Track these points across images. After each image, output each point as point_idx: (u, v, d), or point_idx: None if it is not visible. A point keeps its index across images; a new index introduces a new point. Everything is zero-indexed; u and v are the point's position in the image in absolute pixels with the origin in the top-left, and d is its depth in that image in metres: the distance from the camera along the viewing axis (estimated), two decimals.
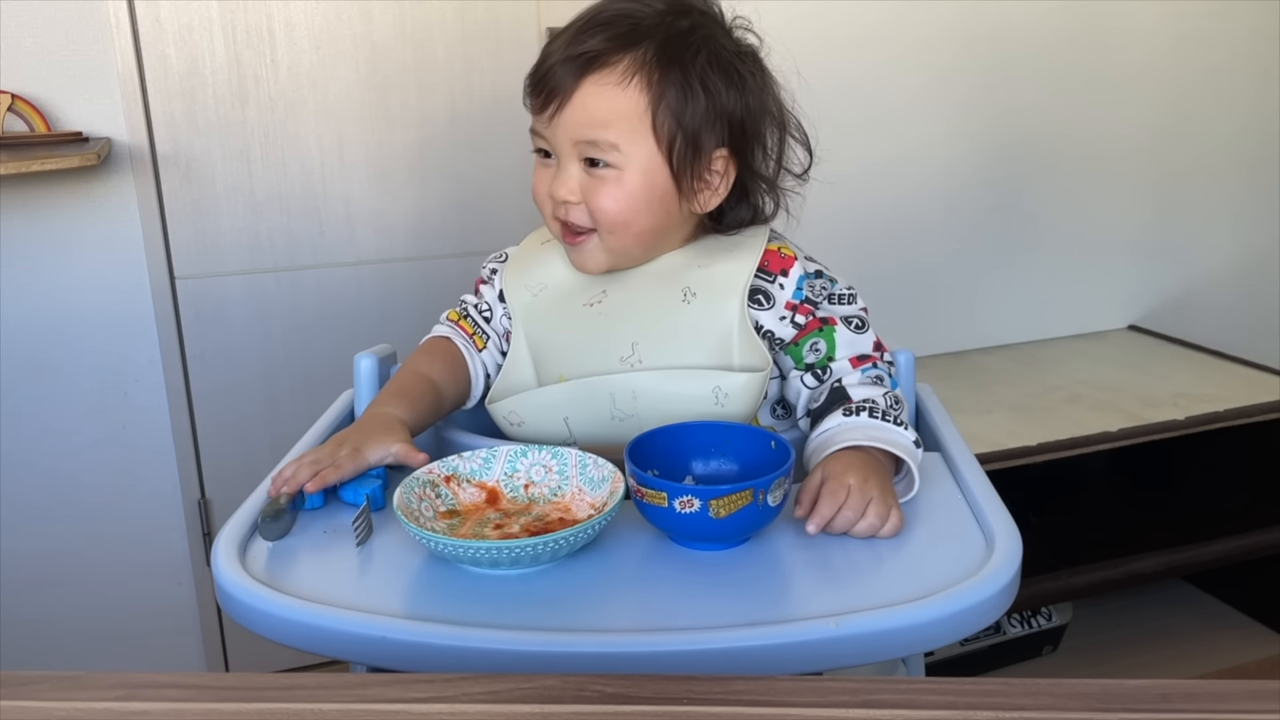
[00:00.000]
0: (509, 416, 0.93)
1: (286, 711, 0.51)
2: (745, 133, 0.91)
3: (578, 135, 0.88)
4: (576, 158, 0.89)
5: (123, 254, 1.60)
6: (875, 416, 0.85)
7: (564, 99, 0.88)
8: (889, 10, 1.88)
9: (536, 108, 0.91)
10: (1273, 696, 0.51)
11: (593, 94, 0.87)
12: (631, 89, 0.87)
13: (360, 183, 1.69)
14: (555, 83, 0.88)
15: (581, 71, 0.87)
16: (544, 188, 0.92)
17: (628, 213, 0.89)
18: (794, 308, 0.92)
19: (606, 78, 0.87)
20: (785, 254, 0.93)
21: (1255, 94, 2.18)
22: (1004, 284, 2.13)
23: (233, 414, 1.71)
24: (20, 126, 1.49)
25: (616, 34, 0.87)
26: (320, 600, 0.67)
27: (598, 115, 0.87)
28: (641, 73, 0.87)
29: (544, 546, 0.68)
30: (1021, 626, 1.80)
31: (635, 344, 0.91)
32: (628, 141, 0.87)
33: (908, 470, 0.83)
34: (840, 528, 0.76)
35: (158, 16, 1.54)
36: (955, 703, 0.51)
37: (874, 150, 1.92)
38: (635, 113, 0.87)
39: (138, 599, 1.72)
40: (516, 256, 1.01)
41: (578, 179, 0.89)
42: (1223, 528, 1.81)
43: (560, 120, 0.88)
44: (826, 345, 0.91)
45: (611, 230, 0.90)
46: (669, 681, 0.53)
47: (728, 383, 0.88)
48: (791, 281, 0.92)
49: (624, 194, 0.89)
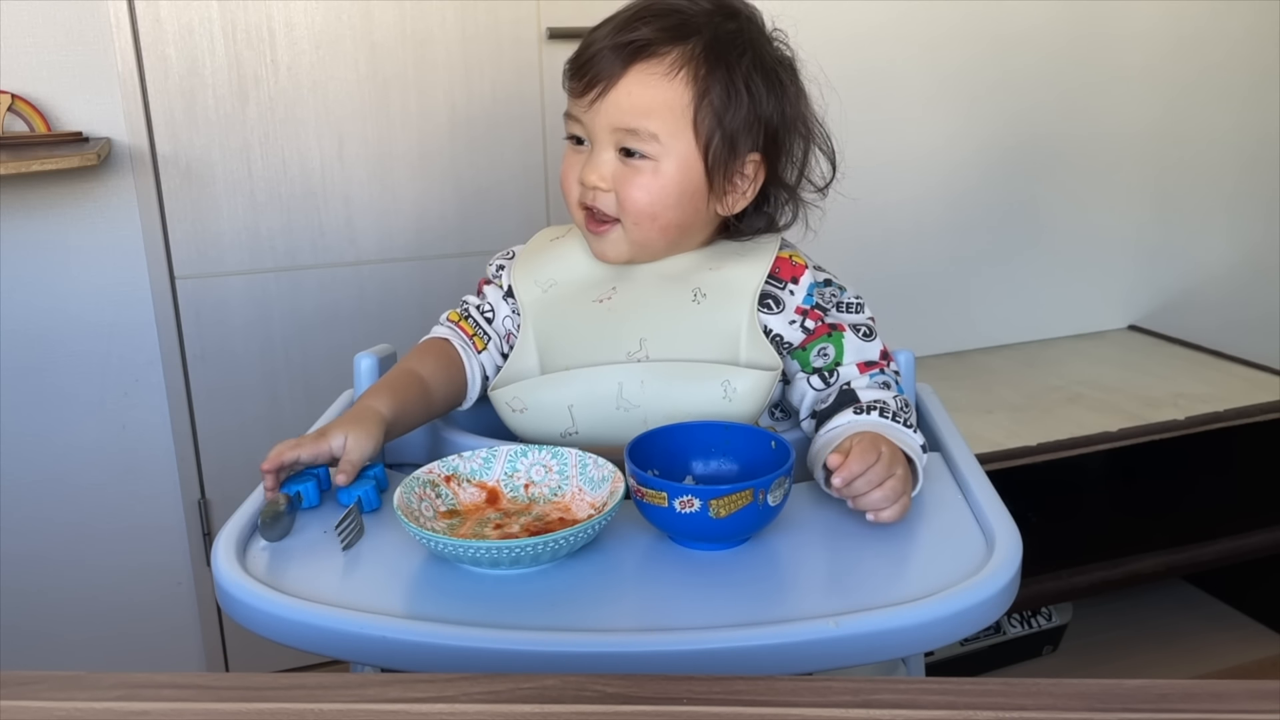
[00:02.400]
0: (512, 402, 0.92)
1: (286, 711, 0.51)
2: (777, 140, 0.92)
3: (618, 122, 0.88)
4: (612, 145, 0.89)
5: (123, 254, 1.60)
6: (885, 417, 0.86)
7: (608, 84, 0.87)
8: (889, 11, 1.88)
9: (577, 91, 0.90)
10: (1273, 696, 0.51)
11: (639, 82, 0.87)
12: (678, 81, 0.87)
13: (360, 183, 1.69)
14: (600, 67, 0.87)
15: (630, 58, 0.87)
16: (574, 173, 0.92)
17: (657, 205, 0.89)
18: (804, 313, 0.92)
19: (654, 67, 0.87)
20: (796, 262, 0.94)
21: (1255, 94, 2.18)
22: (1004, 284, 2.13)
23: (233, 414, 1.71)
24: (20, 126, 1.49)
25: (668, 25, 0.87)
26: (320, 600, 0.67)
27: (641, 103, 0.87)
28: (689, 66, 0.87)
29: (544, 546, 0.68)
30: (1021, 626, 1.80)
31: (643, 339, 0.91)
32: (667, 133, 0.88)
33: (914, 473, 0.83)
34: (860, 487, 0.76)
35: (158, 16, 1.54)
36: (955, 703, 0.51)
37: (874, 150, 1.92)
38: (679, 105, 0.87)
39: (138, 599, 1.72)
40: (525, 253, 1.01)
41: (611, 166, 0.89)
42: (1223, 528, 1.81)
43: (602, 105, 0.88)
44: (835, 350, 0.92)
45: (638, 221, 0.90)
46: (669, 681, 0.53)
47: (737, 379, 0.88)
48: (801, 288, 0.92)
49: (657, 186, 0.89)
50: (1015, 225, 2.10)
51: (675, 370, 0.89)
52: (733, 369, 0.89)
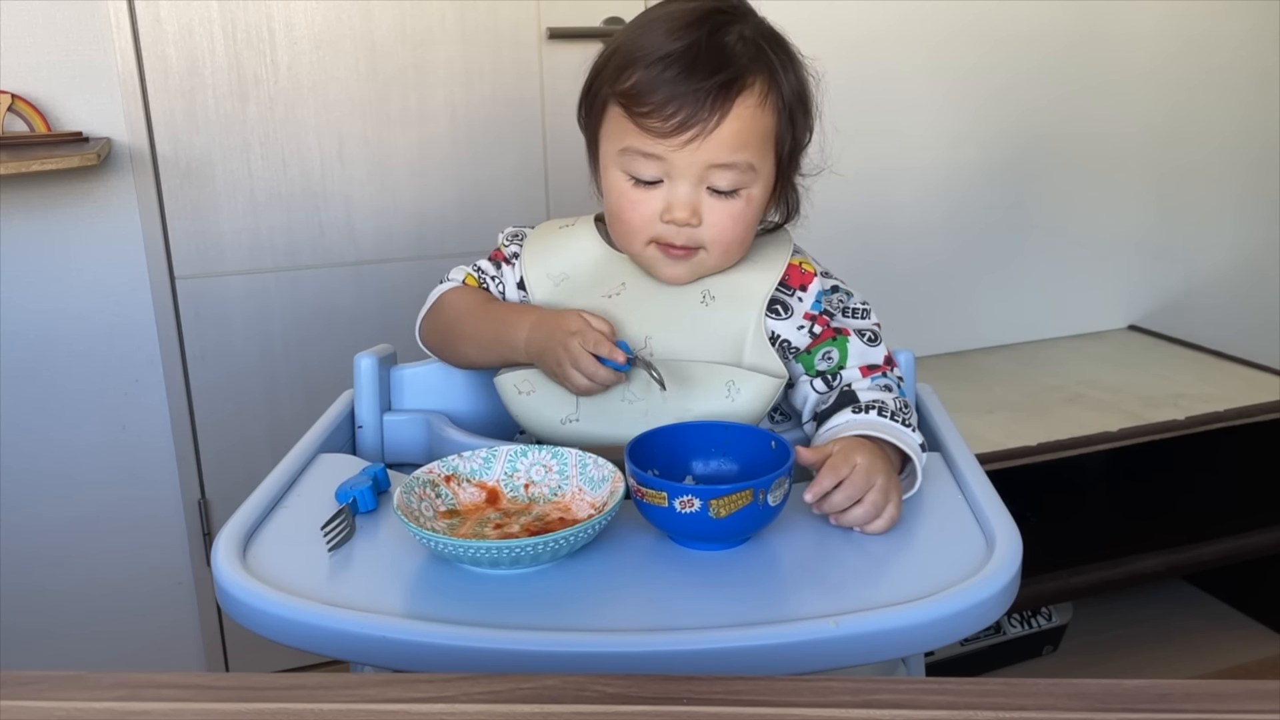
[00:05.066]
0: (520, 385, 0.92)
1: (286, 711, 0.51)
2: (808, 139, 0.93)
3: (717, 159, 0.85)
4: (702, 179, 0.86)
5: (123, 254, 1.60)
6: (884, 416, 0.86)
7: (708, 125, 0.84)
8: (890, 12, 1.88)
9: (663, 132, 0.84)
10: (1273, 696, 0.51)
11: (739, 117, 0.84)
12: (768, 108, 0.86)
13: (360, 183, 1.69)
14: (696, 108, 0.83)
15: (733, 95, 0.84)
16: (646, 210, 0.88)
17: (745, 230, 0.89)
18: (811, 318, 0.93)
19: (749, 99, 0.85)
20: (806, 269, 0.94)
21: (1257, 96, 2.18)
22: (1004, 284, 2.13)
23: (233, 414, 1.71)
24: (20, 126, 1.49)
25: (745, 53, 0.85)
26: (321, 600, 0.67)
27: (741, 138, 0.85)
28: (773, 91, 0.86)
29: (544, 546, 0.68)
30: (1021, 626, 1.80)
31: (649, 337, 0.91)
32: (760, 160, 0.87)
33: (911, 470, 0.83)
34: (836, 503, 0.76)
35: (158, 16, 1.54)
36: (955, 703, 0.51)
37: (875, 151, 1.92)
38: (768, 132, 0.87)
39: (138, 599, 1.72)
40: (536, 243, 0.99)
41: (698, 198, 0.87)
42: (1223, 528, 1.81)
43: (702, 145, 0.84)
44: (839, 354, 0.92)
45: (727, 249, 0.90)
46: (669, 681, 0.53)
47: (742, 381, 0.88)
48: (810, 295, 0.93)
49: (750, 213, 0.89)
50: (1016, 225, 2.10)
51: (680, 368, 0.89)
52: (738, 371, 0.89)
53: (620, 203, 0.90)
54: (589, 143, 0.95)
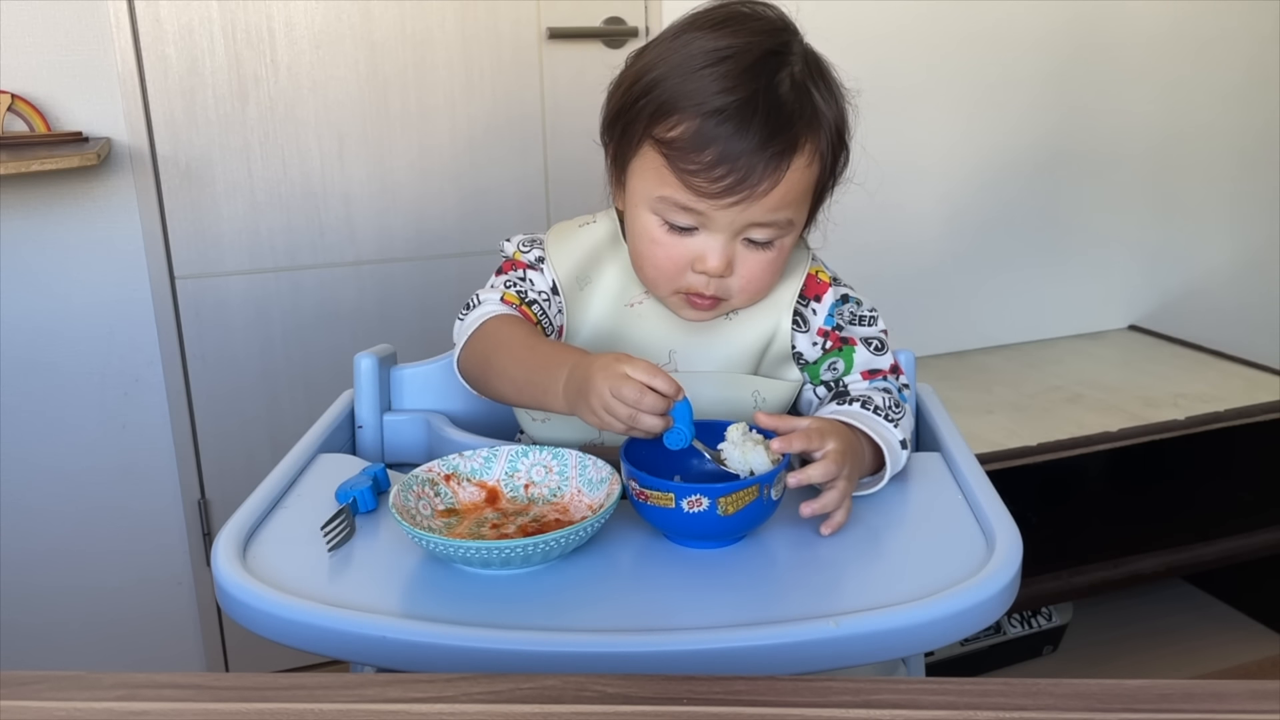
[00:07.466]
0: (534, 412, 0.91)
1: (286, 711, 0.51)
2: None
3: (760, 218, 0.83)
4: (739, 233, 0.84)
5: (123, 254, 1.60)
6: (868, 409, 0.86)
7: (757, 190, 0.80)
8: (890, 13, 1.88)
9: (708, 193, 0.81)
10: (1273, 696, 0.51)
11: (789, 181, 0.82)
12: (814, 163, 0.84)
13: (360, 183, 1.69)
14: (747, 172, 0.79)
15: (786, 161, 0.81)
16: (679, 257, 0.85)
17: (774, 277, 0.89)
18: (825, 334, 0.93)
19: (800, 160, 0.82)
20: (821, 279, 0.94)
21: (1256, 95, 2.18)
22: (1004, 284, 2.13)
23: (233, 414, 1.71)
24: (20, 126, 1.49)
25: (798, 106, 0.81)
26: (321, 600, 0.67)
27: (787, 199, 0.83)
28: (820, 140, 0.84)
29: (534, 548, 0.68)
30: (1021, 626, 1.80)
31: (672, 351, 0.91)
32: (798, 213, 0.86)
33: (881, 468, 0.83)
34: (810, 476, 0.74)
35: (158, 16, 1.54)
36: (955, 703, 0.51)
37: (875, 151, 1.92)
38: (811, 185, 0.86)
39: (138, 599, 1.72)
40: (558, 243, 0.95)
41: (732, 249, 0.85)
42: (1223, 528, 1.81)
43: (750, 206, 0.81)
44: (845, 364, 0.93)
45: (753, 296, 0.89)
46: (669, 681, 0.53)
47: (766, 388, 0.90)
48: (824, 308, 0.93)
49: (780, 260, 0.88)
50: (1015, 225, 2.10)
51: (706, 379, 0.89)
52: (762, 380, 0.91)
53: (651, 248, 0.87)
54: (615, 165, 0.90)
